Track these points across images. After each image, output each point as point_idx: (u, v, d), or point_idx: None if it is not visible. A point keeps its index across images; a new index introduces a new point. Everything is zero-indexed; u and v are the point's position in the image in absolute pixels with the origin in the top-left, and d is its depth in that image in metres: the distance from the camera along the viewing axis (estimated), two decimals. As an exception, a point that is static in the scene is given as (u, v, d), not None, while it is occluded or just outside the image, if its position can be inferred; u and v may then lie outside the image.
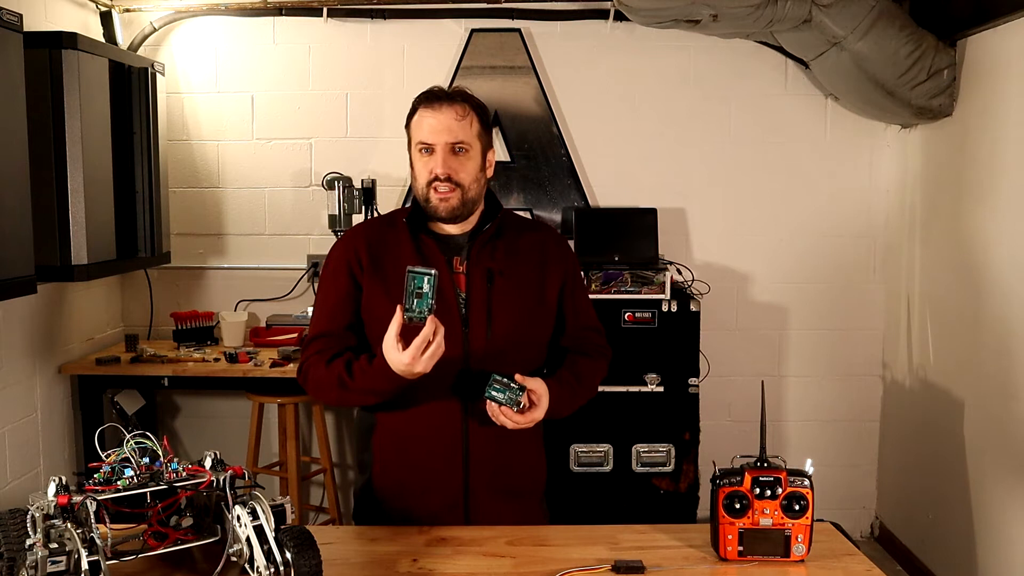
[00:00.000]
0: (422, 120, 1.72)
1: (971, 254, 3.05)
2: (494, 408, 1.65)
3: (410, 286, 1.52)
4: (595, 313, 1.92)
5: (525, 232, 1.84)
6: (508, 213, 1.86)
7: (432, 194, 1.71)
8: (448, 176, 1.70)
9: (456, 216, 1.74)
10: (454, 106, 1.71)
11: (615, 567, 1.49)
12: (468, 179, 1.72)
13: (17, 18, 2.37)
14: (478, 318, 1.73)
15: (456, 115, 1.70)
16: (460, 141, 1.70)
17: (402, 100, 3.89)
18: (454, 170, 1.70)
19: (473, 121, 1.73)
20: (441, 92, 1.73)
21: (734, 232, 3.75)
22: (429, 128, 1.71)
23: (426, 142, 1.71)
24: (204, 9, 3.58)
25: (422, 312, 1.52)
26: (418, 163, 1.74)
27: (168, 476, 1.38)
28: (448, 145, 1.70)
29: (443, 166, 1.69)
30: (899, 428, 3.67)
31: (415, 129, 1.74)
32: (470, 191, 1.73)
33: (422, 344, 1.53)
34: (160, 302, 3.69)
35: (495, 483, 1.77)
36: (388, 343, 1.57)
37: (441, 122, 1.70)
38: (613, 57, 3.66)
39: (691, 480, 3.30)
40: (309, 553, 1.31)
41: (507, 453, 1.78)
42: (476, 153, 1.74)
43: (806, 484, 1.50)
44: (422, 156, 1.73)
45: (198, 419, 3.82)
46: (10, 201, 2.37)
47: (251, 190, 3.72)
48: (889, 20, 3.09)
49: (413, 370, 1.56)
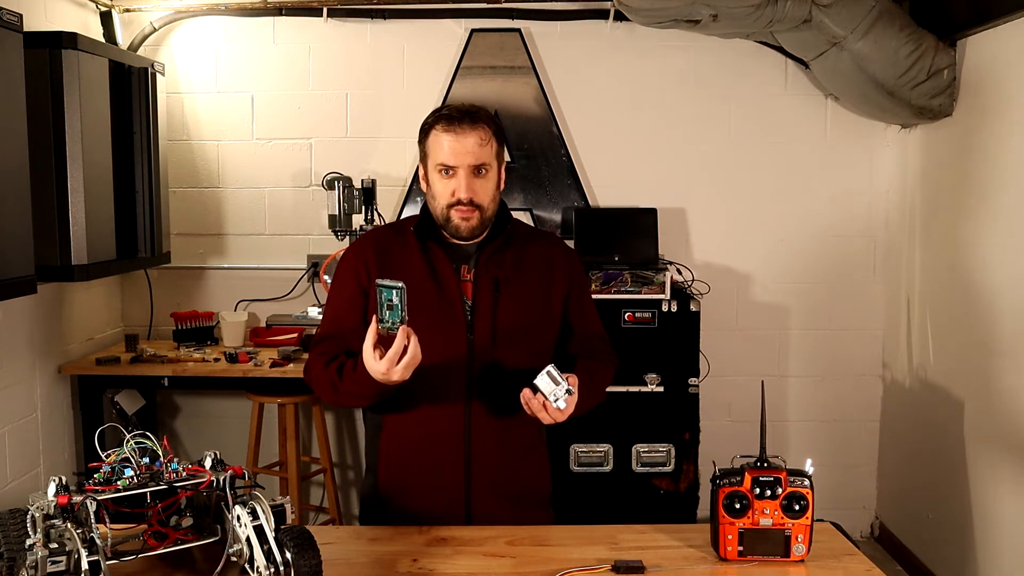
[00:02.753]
0: (443, 141, 1.72)
1: (971, 254, 3.05)
2: (532, 398, 1.64)
3: (380, 298, 1.55)
4: (601, 323, 1.94)
5: (533, 242, 1.86)
6: (517, 223, 1.88)
7: (453, 215, 1.73)
8: (471, 199, 1.71)
9: (475, 235, 1.77)
10: (477, 129, 1.71)
11: (615, 567, 1.49)
12: (487, 199, 1.75)
13: (17, 18, 2.37)
14: (483, 325, 1.75)
15: (480, 139, 1.71)
16: (482, 163, 1.72)
17: (402, 100, 3.92)
18: (476, 193, 1.72)
19: (493, 142, 1.74)
20: (463, 114, 1.73)
21: (734, 232, 3.75)
22: (451, 151, 1.71)
23: (447, 164, 1.72)
24: (204, 9, 3.58)
25: (394, 323, 1.55)
26: (438, 183, 1.74)
27: (168, 476, 1.38)
28: (471, 168, 1.71)
29: (467, 190, 1.71)
30: (899, 428, 3.67)
31: (435, 148, 1.73)
32: (488, 210, 1.76)
33: (395, 355, 1.55)
34: (160, 302, 3.69)
35: (497, 488, 1.79)
36: (366, 353, 1.59)
37: (465, 146, 1.70)
38: (613, 57, 3.66)
39: (691, 480, 3.30)
40: (309, 553, 1.31)
41: (509, 459, 1.80)
42: (494, 173, 1.76)
43: (806, 484, 1.50)
44: (442, 177, 1.73)
45: (198, 419, 3.82)
46: (10, 201, 2.37)
47: (251, 190, 3.72)
48: (889, 20, 3.10)
49: (390, 378, 1.58)
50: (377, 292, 1.55)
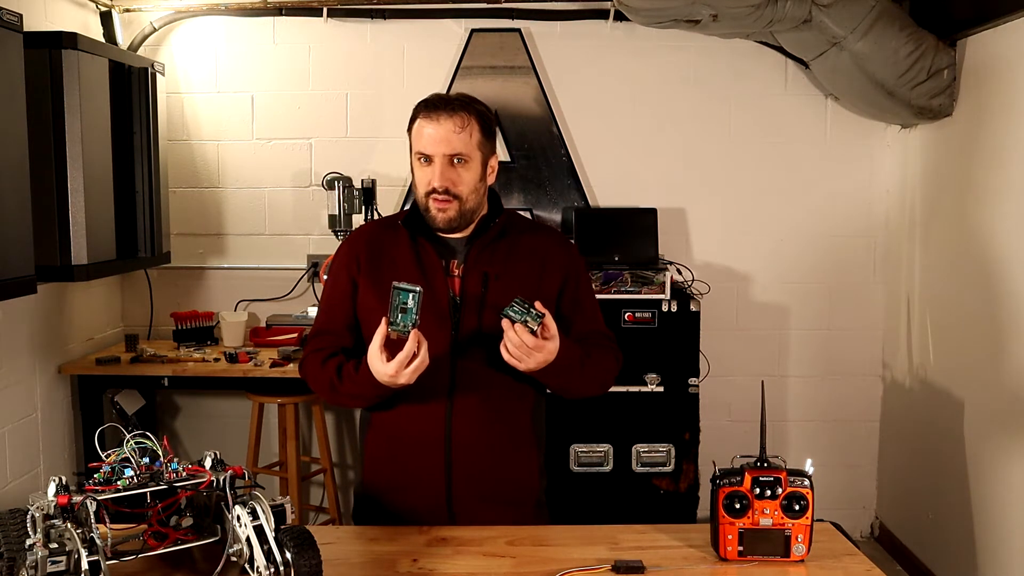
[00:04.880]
0: (421, 129, 1.70)
1: (971, 254, 3.05)
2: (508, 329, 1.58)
3: (395, 301, 1.54)
4: (603, 319, 1.88)
5: (527, 234, 1.82)
6: (512, 215, 1.84)
7: (431, 204, 1.71)
8: (446, 188, 1.69)
9: (453, 227, 1.74)
10: (453, 117, 1.67)
11: (615, 567, 1.49)
12: (466, 190, 1.71)
13: (17, 18, 2.37)
14: (469, 322, 1.72)
15: (456, 126, 1.67)
16: (458, 153, 1.68)
17: (402, 100, 3.89)
18: (452, 182, 1.69)
19: (474, 131, 1.70)
20: (441, 101, 1.70)
21: (734, 232, 3.75)
22: (428, 139, 1.68)
23: (424, 152, 1.69)
24: (204, 9, 3.58)
25: (406, 326, 1.55)
26: (417, 172, 1.73)
27: (168, 476, 1.38)
28: (446, 157, 1.68)
29: (440, 179, 1.68)
30: (899, 428, 3.67)
31: (415, 138, 1.72)
32: (468, 202, 1.72)
33: (406, 358, 1.55)
34: (160, 302, 3.69)
35: (479, 488, 1.76)
36: (372, 354, 1.58)
37: (440, 133, 1.67)
38: (613, 57, 3.66)
39: (691, 480, 3.30)
40: (309, 553, 1.31)
41: (492, 458, 1.76)
42: (476, 163, 1.71)
43: (806, 484, 1.50)
44: (421, 166, 1.71)
45: (198, 419, 3.82)
46: (10, 201, 2.37)
47: (251, 190, 3.72)
48: (889, 20, 3.10)
49: (396, 382, 1.58)
50: (393, 293, 1.54)
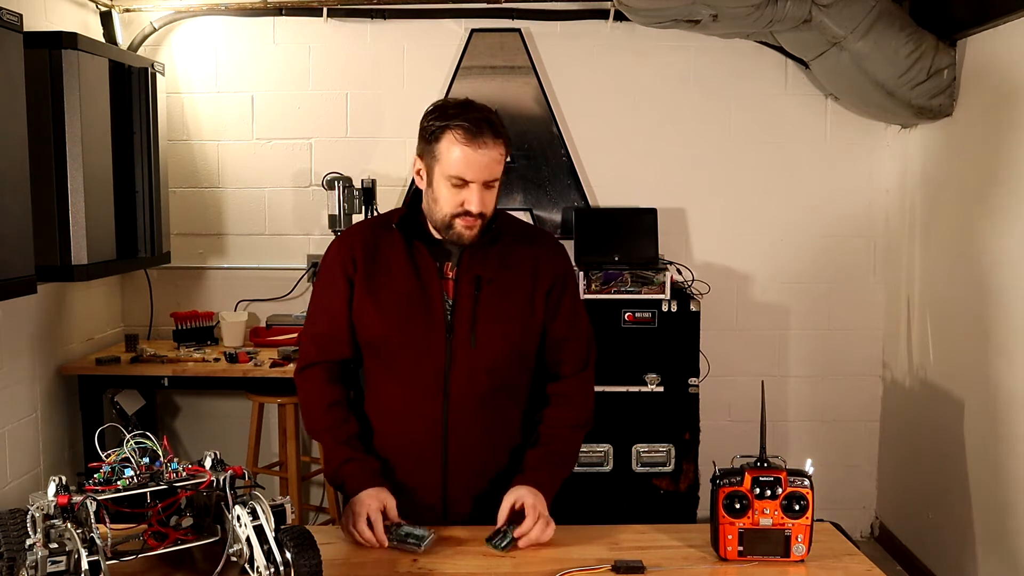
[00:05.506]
0: (457, 151, 1.65)
1: (971, 254, 3.05)
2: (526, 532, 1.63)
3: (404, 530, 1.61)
4: (586, 323, 1.86)
5: (521, 239, 1.82)
6: (506, 219, 1.83)
7: (457, 223, 1.69)
8: (481, 212, 1.69)
9: (475, 241, 1.73)
10: (496, 146, 1.67)
11: (615, 567, 1.49)
12: (492, 209, 1.72)
13: (17, 18, 2.37)
14: (463, 325, 1.72)
15: (499, 155, 1.68)
16: (495, 179, 1.70)
17: (402, 100, 3.91)
18: (486, 205, 1.69)
19: (505, 155, 1.71)
20: (481, 125, 1.66)
21: (734, 232, 3.74)
22: (469, 165, 1.65)
23: (463, 178, 1.67)
24: (204, 9, 3.58)
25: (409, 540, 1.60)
26: (445, 191, 1.68)
27: (168, 476, 1.38)
28: (485, 183, 1.68)
29: (479, 204, 1.67)
30: (899, 428, 3.67)
31: (448, 157, 1.66)
32: (488, 217, 1.73)
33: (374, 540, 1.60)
34: (160, 302, 3.69)
35: (475, 491, 1.77)
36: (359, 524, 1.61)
37: (483, 162, 1.66)
38: (613, 57, 3.66)
39: (691, 480, 3.30)
40: (309, 553, 1.32)
41: (487, 461, 1.78)
42: (500, 183, 1.73)
43: (806, 484, 1.50)
44: (452, 186, 1.68)
45: (198, 419, 3.81)
46: (10, 201, 2.37)
47: (251, 190, 3.72)
48: (889, 20, 3.10)
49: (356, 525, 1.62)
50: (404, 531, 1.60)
